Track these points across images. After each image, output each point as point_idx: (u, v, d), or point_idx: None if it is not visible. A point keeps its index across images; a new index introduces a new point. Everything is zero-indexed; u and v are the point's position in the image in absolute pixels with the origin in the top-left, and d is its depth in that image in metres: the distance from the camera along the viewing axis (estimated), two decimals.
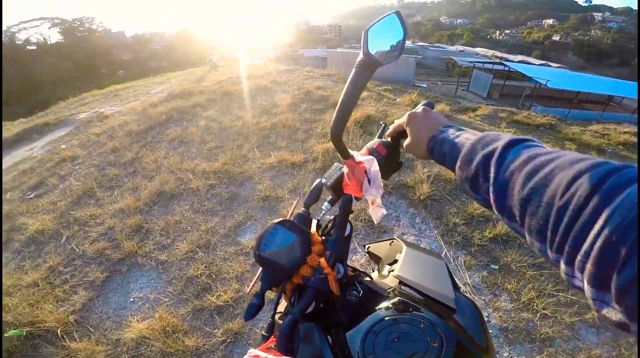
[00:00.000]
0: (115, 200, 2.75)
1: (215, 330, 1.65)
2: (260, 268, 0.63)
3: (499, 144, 0.37)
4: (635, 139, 8.50)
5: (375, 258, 0.86)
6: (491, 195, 0.36)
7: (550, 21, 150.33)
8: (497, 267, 1.91)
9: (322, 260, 0.60)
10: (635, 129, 10.78)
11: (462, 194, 2.44)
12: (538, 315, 1.66)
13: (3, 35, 47.79)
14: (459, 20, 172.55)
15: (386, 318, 0.53)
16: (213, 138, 3.80)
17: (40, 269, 2.14)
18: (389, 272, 0.72)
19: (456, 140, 0.45)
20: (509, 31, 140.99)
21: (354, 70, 0.52)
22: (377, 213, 0.65)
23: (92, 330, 1.73)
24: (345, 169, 0.62)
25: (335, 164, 0.69)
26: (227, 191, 2.65)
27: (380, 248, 0.85)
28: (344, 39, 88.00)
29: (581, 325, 1.63)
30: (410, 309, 0.55)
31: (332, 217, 0.69)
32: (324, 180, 0.68)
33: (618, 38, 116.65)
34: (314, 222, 0.71)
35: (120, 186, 2.98)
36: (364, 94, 5.48)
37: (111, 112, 6.10)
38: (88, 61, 47.47)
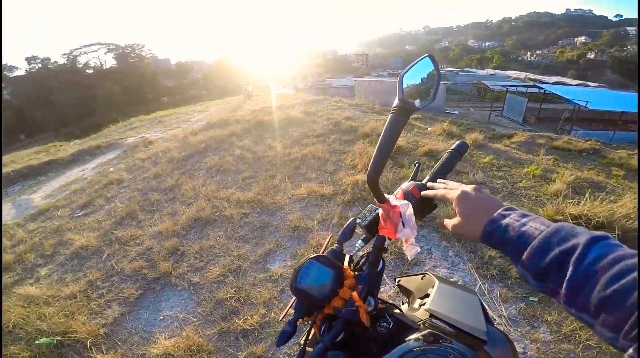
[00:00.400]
0: (155, 223, 2.94)
1: (239, 353, 1.67)
2: (294, 298, 0.66)
3: (581, 243, 0.38)
4: None
5: (405, 292, 0.86)
6: (563, 290, 0.38)
7: (582, 39, 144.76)
8: (536, 299, 1.80)
9: (354, 294, 0.62)
10: None
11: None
12: (580, 346, 1.53)
13: (67, 58, 53.38)
14: (487, 43, 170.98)
15: (415, 349, 0.53)
16: (247, 167, 4.00)
17: (80, 282, 2.30)
18: (420, 306, 0.72)
19: (523, 229, 0.44)
20: (540, 52, 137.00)
21: (390, 116, 0.56)
22: (411, 250, 0.68)
23: (119, 343, 1.82)
24: (380, 211, 0.66)
25: (370, 205, 0.72)
26: (259, 220, 2.75)
27: (411, 281, 0.85)
28: (371, 68, 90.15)
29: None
30: (441, 341, 0.54)
31: (364, 253, 0.72)
32: (358, 220, 0.71)
33: None
34: (347, 257, 0.73)
35: (160, 211, 3.18)
36: None
37: (155, 138, 6.63)
38: (137, 86, 51.76)
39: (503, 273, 1.98)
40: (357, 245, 0.72)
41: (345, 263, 0.71)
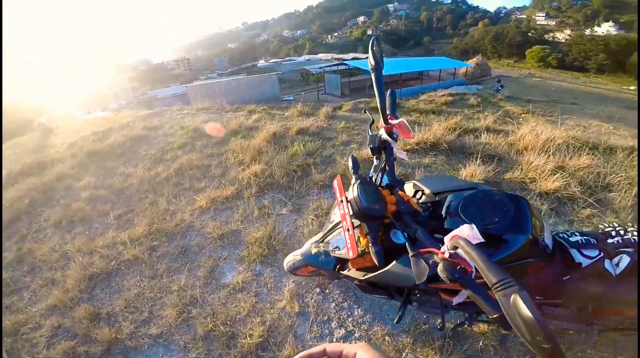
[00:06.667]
0: (35, 301, 2.23)
1: None
2: (347, 233, 0.84)
3: None
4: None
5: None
6: None
7: (362, 18, 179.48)
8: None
9: (401, 193, 0.91)
10: (444, 91, 14.71)
11: None
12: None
13: None
14: (298, 32, 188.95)
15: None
16: (111, 205, 3.34)
17: None
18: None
19: None
20: (336, 34, 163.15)
21: (373, 74, 1.00)
22: (403, 155, 1.09)
23: None
24: (382, 133, 1.02)
25: (369, 136, 1.04)
26: (174, 246, 2.46)
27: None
28: (197, 72, 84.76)
29: None
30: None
31: (376, 171, 1.01)
32: (370, 145, 1.01)
33: (408, 23, 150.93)
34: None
35: (27, 287, 2.39)
36: (255, 116, 5.73)
37: None
38: None
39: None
40: (375, 163, 1.02)
41: None
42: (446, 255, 0.62)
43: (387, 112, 1.03)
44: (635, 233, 0.97)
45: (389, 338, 1.59)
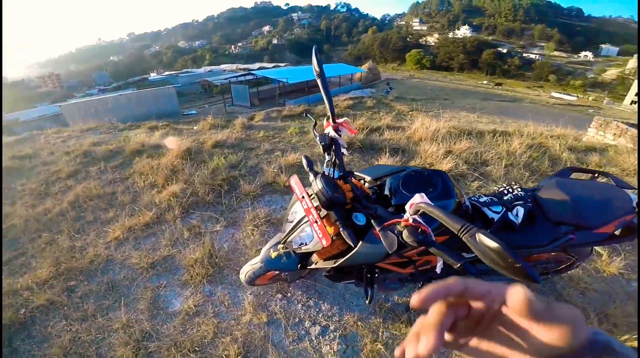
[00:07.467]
0: None
1: None
2: (316, 225, 0.96)
3: None
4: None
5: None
6: None
7: (267, 28, 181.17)
8: None
9: (354, 180, 1.06)
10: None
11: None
12: None
13: None
14: (197, 43, 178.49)
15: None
16: None
17: None
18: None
19: None
20: (240, 44, 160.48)
21: (319, 80, 1.17)
22: (346, 152, 1.22)
23: None
24: (330, 131, 1.19)
25: (319, 136, 1.18)
26: (97, 283, 2.12)
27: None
28: (71, 89, 71.44)
29: None
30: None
31: (329, 166, 1.15)
32: (322, 143, 1.15)
33: (310, 32, 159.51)
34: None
35: None
36: (159, 132, 5.28)
37: None
38: None
39: None
40: (326, 160, 1.16)
41: None
42: (410, 221, 0.70)
43: (330, 113, 1.21)
44: (519, 189, 1.25)
45: (361, 323, 1.67)
